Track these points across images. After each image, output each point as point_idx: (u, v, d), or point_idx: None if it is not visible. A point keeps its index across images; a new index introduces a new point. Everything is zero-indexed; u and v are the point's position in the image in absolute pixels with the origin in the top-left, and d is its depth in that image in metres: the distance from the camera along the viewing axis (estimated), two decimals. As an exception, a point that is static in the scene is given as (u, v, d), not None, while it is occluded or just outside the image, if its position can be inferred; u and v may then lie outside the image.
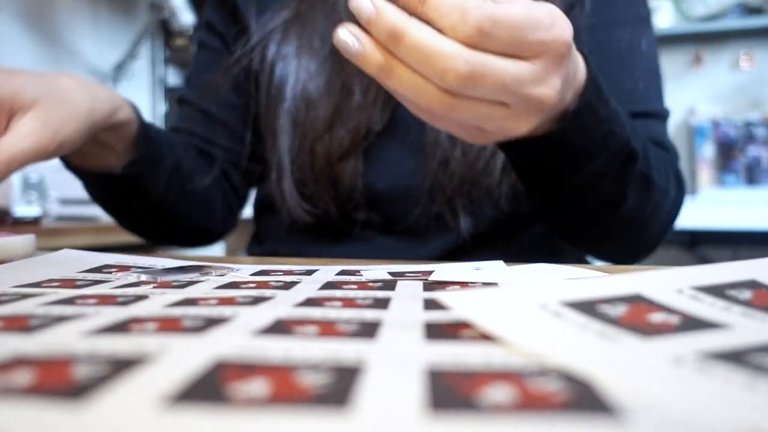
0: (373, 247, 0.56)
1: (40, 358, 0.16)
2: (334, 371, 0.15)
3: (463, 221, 0.54)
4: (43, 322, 0.20)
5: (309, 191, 0.56)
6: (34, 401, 0.13)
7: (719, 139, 2.08)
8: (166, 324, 0.19)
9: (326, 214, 0.56)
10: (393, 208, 0.55)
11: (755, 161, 2.03)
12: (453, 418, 0.12)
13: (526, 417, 0.12)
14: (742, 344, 0.16)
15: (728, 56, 2.13)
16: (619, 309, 0.19)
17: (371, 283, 0.29)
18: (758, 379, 0.14)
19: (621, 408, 0.12)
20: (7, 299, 0.24)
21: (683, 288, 0.21)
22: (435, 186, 0.54)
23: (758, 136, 2.04)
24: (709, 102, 2.14)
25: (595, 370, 0.14)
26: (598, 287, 0.21)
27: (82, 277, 0.31)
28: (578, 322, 0.18)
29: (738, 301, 0.20)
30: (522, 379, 0.14)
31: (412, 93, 0.31)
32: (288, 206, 0.57)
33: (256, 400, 0.13)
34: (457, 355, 0.16)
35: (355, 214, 0.56)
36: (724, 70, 2.14)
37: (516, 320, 0.18)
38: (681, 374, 0.14)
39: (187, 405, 0.12)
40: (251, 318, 0.20)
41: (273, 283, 0.29)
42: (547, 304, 0.19)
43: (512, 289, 0.20)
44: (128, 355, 0.16)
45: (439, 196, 0.54)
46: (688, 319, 0.18)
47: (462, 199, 0.54)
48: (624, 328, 0.17)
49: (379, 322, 0.20)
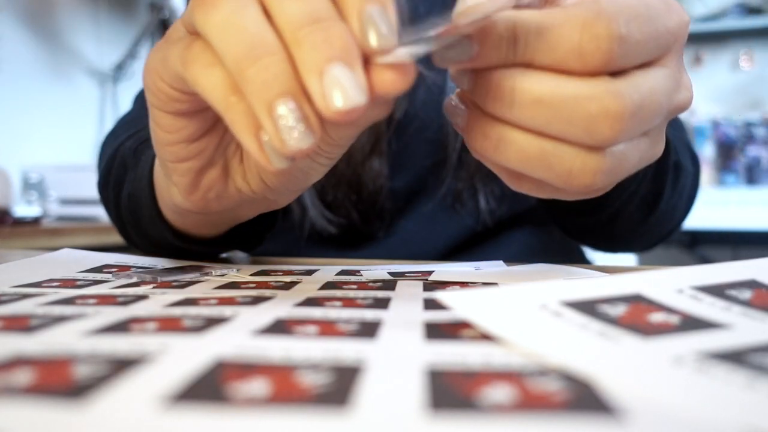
0: (392, 241, 0.54)
1: (40, 357, 0.16)
2: (334, 371, 0.15)
3: (483, 201, 0.52)
4: (43, 322, 0.20)
5: (330, 198, 0.53)
6: (34, 401, 0.13)
7: (719, 139, 2.08)
8: (166, 324, 0.19)
9: (349, 221, 0.53)
10: (414, 200, 0.54)
11: (755, 161, 2.03)
12: (453, 417, 0.12)
13: (526, 417, 0.12)
14: (741, 344, 0.16)
15: (728, 56, 2.13)
16: (619, 309, 0.19)
17: (371, 283, 0.29)
18: (758, 379, 0.14)
19: (621, 408, 0.12)
20: (7, 299, 0.24)
21: (683, 288, 0.21)
22: (457, 169, 0.52)
23: (758, 136, 2.04)
24: (709, 102, 2.14)
25: (595, 370, 0.14)
26: (598, 287, 0.21)
27: (82, 277, 0.31)
28: (578, 322, 0.18)
29: (738, 301, 0.20)
30: (522, 379, 0.14)
31: (538, 164, 0.23)
32: (310, 217, 0.53)
33: (256, 399, 0.13)
34: (457, 355, 0.16)
35: (379, 221, 0.54)
36: (724, 70, 2.14)
37: (516, 320, 0.18)
38: (681, 374, 0.14)
39: (187, 405, 0.12)
40: (251, 318, 0.20)
41: (273, 283, 0.29)
42: (547, 303, 0.19)
43: (512, 288, 0.20)
44: (128, 354, 0.16)
45: (463, 174, 0.52)
46: (688, 318, 0.18)
47: (482, 178, 0.52)
48: (624, 327, 0.17)
49: (379, 322, 0.20)
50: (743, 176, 2.03)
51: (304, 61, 0.20)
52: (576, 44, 0.21)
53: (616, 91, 0.21)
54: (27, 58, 1.71)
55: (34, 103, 1.70)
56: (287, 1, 0.20)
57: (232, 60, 0.20)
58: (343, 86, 0.19)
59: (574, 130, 0.22)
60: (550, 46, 0.21)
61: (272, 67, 0.20)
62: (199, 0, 0.22)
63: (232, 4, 0.21)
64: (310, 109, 0.20)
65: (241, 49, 0.20)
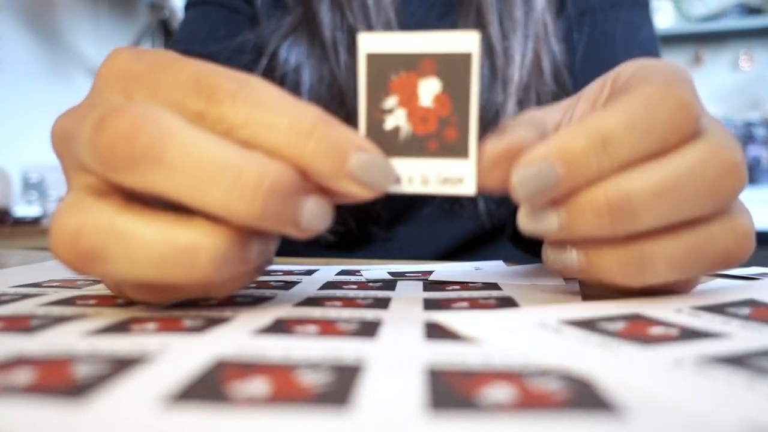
0: (391, 245, 0.54)
1: (40, 357, 0.16)
2: (334, 370, 0.15)
3: (482, 204, 0.52)
4: (44, 323, 0.20)
5: None
6: (34, 400, 0.13)
7: (719, 139, 2.08)
8: (166, 324, 0.19)
9: (347, 229, 0.53)
10: (413, 205, 0.54)
11: (755, 161, 2.03)
12: (453, 417, 0.12)
13: (526, 416, 0.12)
14: (742, 349, 0.16)
15: (728, 56, 2.13)
16: (618, 324, 0.19)
17: (371, 283, 0.29)
18: (758, 379, 0.14)
19: (621, 407, 0.12)
20: (7, 299, 0.24)
21: (682, 308, 0.21)
22: None
23: (758, 136, 2.04)
24: (709, 102, 2.14)
25: (595, 371, 0.14)
26: (596, 308, 0.21)
27: (82, 277, 0.31)
28: (578, 336, 0.18)
29: (737, 316, 0.20)
30: (522, 379, 0.14)
31: (694, 260, 0.21)
32: None
33: (256, 399, 0.13)
34: (457, 355, 0.16)
35: (376, 227, 0.54)
36: (724, 70, 2.14)
37: (516, 336, 0.18)
38: (681, 375, 0.14)
39: (187, 404, 0.12)
40: (251, 318, 0.20)
41: (273, 283, 0.29)
42: (547, 321, 0.19)
43: (511, 311, 0.21)
44: (128, 354, 0.16)
45: None
46: (687, 330, 0.18)
47: None
48: (623, 339, 0.17)
49: (379, 322, 0.20)
50: (743, 176, 2.03)
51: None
52: (667, 118, 0.19)
53: (720, 143, 0.20)
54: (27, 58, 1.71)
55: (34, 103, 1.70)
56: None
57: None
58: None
59: (704, 200, 0.20)
60: (641, 134, 0.19)
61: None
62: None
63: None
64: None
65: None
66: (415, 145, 0.21)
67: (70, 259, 0.19)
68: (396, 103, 0.20)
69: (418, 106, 0.20)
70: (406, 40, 0.20)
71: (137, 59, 0.21)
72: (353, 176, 0.19)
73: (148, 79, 0.20)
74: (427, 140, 0.21)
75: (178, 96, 0.19)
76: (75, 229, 0.19)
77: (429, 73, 0.20)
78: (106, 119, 0.18)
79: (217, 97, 0.19)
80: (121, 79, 0.21)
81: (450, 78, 0.20)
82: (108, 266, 0.19)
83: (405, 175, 0.21)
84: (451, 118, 0.20)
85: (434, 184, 0.21)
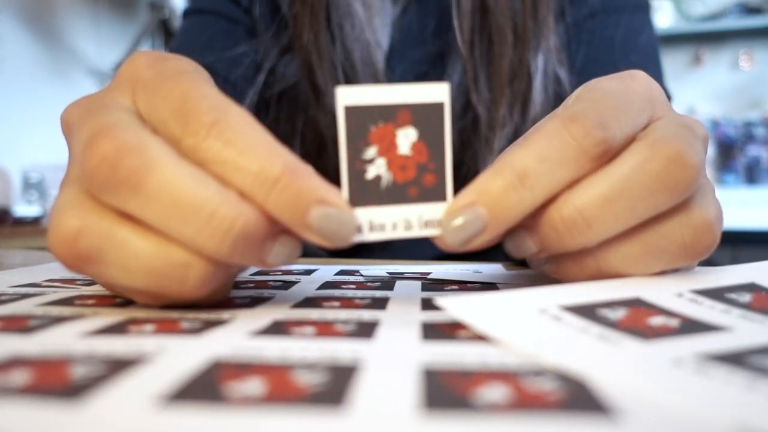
0: (391, 247, 0.53)
1: (37, 358, 0.16)
2: (331, 370, 0.15)
3: None
4: (42, 323, 0.20)
5: None
6: (31, 401, 0.13)
7: (719, 139, 2.08)
8: (164, 326, 0.19)
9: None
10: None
11: (755, 161, 2.03)
12: (449, 417, 0.12)
13: (521, 416, 0.12)
14: (741, 346, 0.16)
15: (728, 56, 2.13)
16: (618, 313, 0.19)
17: (370, 283, 0.29)
18: (758, 379, 0.14)
19: (617, 407, 0.12)
20: (6, 299, 0.24)
21: (683, 291, 0.21)
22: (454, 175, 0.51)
23: (758, 136, 2.04)
24: (709, 102, 2.14)
25: (594, 371, 0.14)
26: (597, 291, 0.21)
27: (81, 277, 0.31)
28: (578, 326, 0.18)
29: (737, 304, 0.20)
30: (518, 379, 0.14)
31: (650, 259, 0.22)
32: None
33: (252, 399, 0.13)
34: (454, 355, 0.16)
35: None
36: (724, 70, 2.14)
37: (515, 324, 0.18)
38: (680, 375, 0.14)
39: (183, 404, 0.12)
40: (249, 319, 0.21)
41: (271, 283, 0.29)
42: (547, 308, 0.19)
43: (511, 293, 0.20)
44: (125, 355, 0.16)
45: (460, 180, 0.51)
46: (688, 321, 0.18)
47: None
48: (624, 331, 0.17)
49: (376, 322, 0.20)
50: (743, 176, 2.03)
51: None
52: (574, 145, 0.21)
53: (662, 138, 0.21)
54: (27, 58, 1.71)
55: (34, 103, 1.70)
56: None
57: None
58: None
59: (655, 197, 0.21)
60: (553, 164, 0.21)
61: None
62: None
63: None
64: None
65: None
66: (396, 192, 0.21)
67: (67, 258, 0.19)
68: (376, 153, 0.21)
69: (398, 155, 0.21)
70: (382, 92, 0.21)
71: (150, 66, 0.21)
72: (313, 228, 0.19)
73: (150, 90, 0.21)
74: (408, 187, 0.21)
75: (164, 115, 0.20)
76: (75, 229, 0.19)
77: (406, 122, 0.21)
78: (94, 140, 0.19)
79: (192, 127, 0.19)
80: (131, 83, 0.21)
81: (425, 126, 0.21)
82: (102, 269, 0.19)
83: (389, 222, 0.21)
84: (428, 164, 0.21)
85: (417, 228, 0.22)
